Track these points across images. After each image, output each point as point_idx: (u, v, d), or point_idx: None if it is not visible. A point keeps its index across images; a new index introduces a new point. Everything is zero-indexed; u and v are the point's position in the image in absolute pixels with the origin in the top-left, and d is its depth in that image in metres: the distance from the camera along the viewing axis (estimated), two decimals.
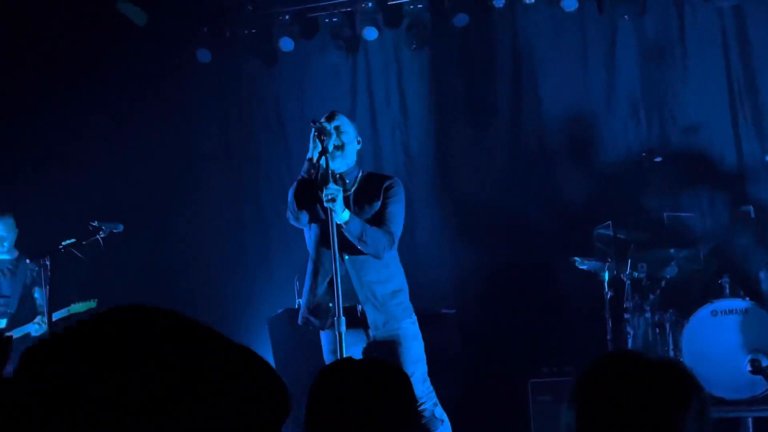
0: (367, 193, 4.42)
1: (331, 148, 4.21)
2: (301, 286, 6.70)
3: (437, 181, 7.89)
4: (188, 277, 7.89)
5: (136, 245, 7.48)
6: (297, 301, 6.84)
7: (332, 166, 4.28)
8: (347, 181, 4.42)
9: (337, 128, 4.34)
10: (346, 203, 4.30)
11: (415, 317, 4.46)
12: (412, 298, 4.56)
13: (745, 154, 7.15)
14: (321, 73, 8.04)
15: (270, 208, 8.07)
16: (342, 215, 4.16)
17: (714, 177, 7.15)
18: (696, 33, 7.29)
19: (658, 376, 1.65)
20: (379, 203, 4.40)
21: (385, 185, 4.45)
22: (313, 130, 4.30)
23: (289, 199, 4.33)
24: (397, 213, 4.41)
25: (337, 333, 4.01)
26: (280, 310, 6.91)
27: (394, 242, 4.39)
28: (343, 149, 4.34)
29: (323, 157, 4.07)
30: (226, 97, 8.26)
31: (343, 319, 4.03)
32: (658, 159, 6.75)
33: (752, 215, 6.63)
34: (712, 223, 7.09)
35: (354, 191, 4.42)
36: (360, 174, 4.50)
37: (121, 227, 6.31)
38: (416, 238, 7.71)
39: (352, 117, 8.11)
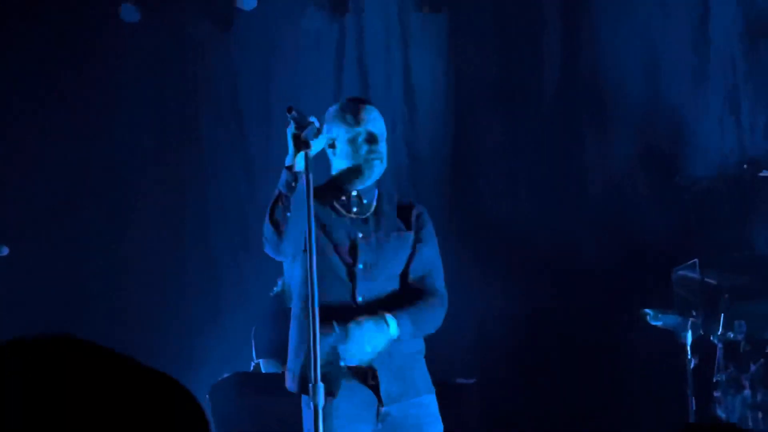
0: (393, 220, 4.42)
1: (319, 146, 4.15)
2: (269, 340, 6.71)
3: (453, 196, 7.87)
4: (99, 322, 7.79)
5: (26, 273, 7.39)
6: (253, 362, 6.87)
7: (361, 184, 4.30)
8: (364, 201, 4.42)
9: (371, 131, 4.33)
10: (363, 224, 4.34)
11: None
12: None
13: None
14: (295, 41, 8.02)
15: (219, 228, 8.02)
16: (391, 331, 4.15)
17: None
18: None
19: None
20: (411, 237, 4.42)
21: (415, 213, 4.45)
22: (291, 124, 4.22)
23: (265, 222, 4.29)
24: (438, 258, 4.47)
25: (313, 405, 3.92)
26: (226, 374, 6.84)
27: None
28: (382, 160, 4.34)
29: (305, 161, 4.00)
30: (160, 72, 8.20)
31: (321, 386, 3.94)
32: (765, 173, 6.70)
33: None
34: None
35: (374, 213, 4.44)
36: (378, 191, 4.50)
37: (5, 250, 6.29)
38: None
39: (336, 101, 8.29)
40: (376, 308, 4.19)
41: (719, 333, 6.17)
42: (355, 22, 8.05)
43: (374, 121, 4.35)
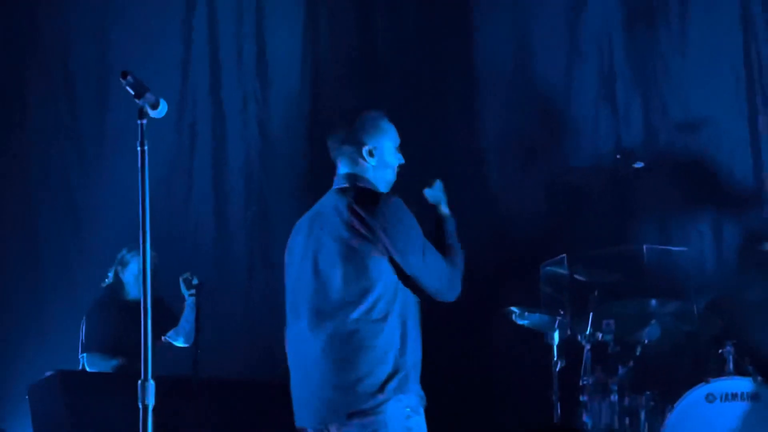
0: None
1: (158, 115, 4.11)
2: (99, 334, 6.61)
3: (309, 181, 7.83)
4: None
5: None
6: (82, 357, 6.76)
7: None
8: None
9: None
10: None
11: None
12: (263, 363, 4.54)
13: (765, 165, 7.34)
14: (136, 3, 7.88)
15: (44, 219, 7.84)
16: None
17: (719, 197, 7.31)
18: None
19: None
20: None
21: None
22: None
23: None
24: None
25: (141, 406, 3.85)
26: (48, 373, 6.71)
27: None
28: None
29: None
30: None
31: (151, 383, 3.88)
32: (639, 165, 6.85)
33: None
34: (713, 265, 7.23)
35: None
36: None
37: None
38: (274, 273, 7.67)
39: (184, 75, 8.19)
40: None
41: (587, 333, 6.27)
42: None
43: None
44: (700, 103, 7.46)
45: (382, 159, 4.44)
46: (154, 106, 3.93)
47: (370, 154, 4.42)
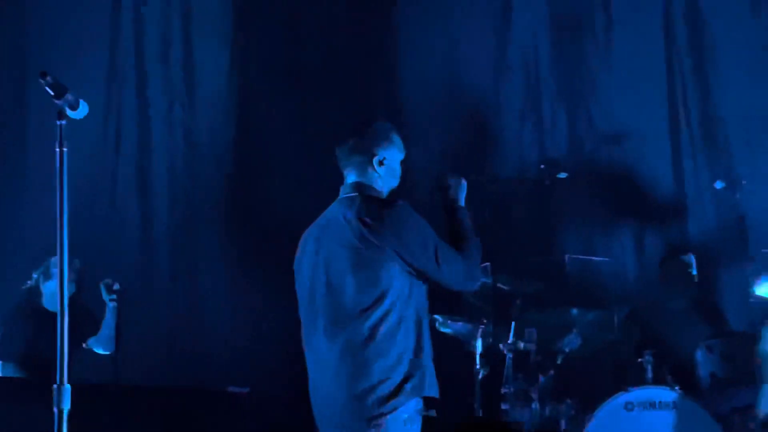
0: None
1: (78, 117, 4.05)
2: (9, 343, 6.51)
3: (236, 189, 7.80)
4: None
5: None
6: None
7: None
8: None
9: None
10: None
11: None
12: (186, 370, 4.50)
13: (687, 178, 7.44)
14: (60, 4, 7.81)
15: None
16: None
17: (641, 207, 7.39)
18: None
19: None
20: None
21: None
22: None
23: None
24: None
25: (57, 410, 3.82)
26: None
27: None
28: None
29: None
30: None
31: (67, 388, 3.84)
32: (563, 175, 6.90)
33: (693, 269, 6.87)
34: (634, 275, 7.31)
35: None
36: None
37: None
38: (198, 279, 7.63)
39: (110, 79, 8.08)
40: None
41: (509, 342, 6.31)
42: None
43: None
44: (625, 115, 7.54)
45: (390, 169, 4.53)
46: (74, 107, 3.88)
47: (380, 164, 4.50)
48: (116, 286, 6.67)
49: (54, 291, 6.60)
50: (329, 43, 7.92)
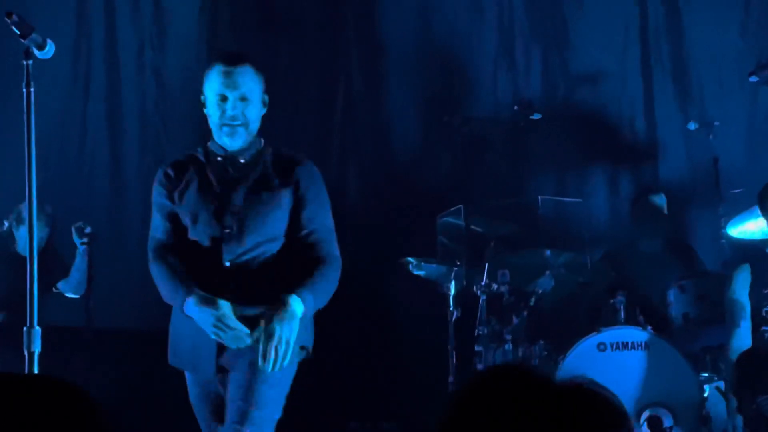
0: (267, 177, 4.41)
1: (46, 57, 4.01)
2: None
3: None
4: None
5: None
6: None
7: (229, 147, 4.37)
8: (241, 161, 4.39)
9: (239, 95, 4.33)
10: (233, 184, 4.38)
11: None
12: (158, 313, 4.51)
13: (659, 119, 7.47)
14: None
15: None
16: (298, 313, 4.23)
17: (614, 148, 7.42)
18: None
19: (567, 407, 1.76)
20: (288, 195, 4.33)
21: (298, 170, 4.43)
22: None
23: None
24: (328, 218, 4.52)
25: (27, 353, 3.87)
26: None
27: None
28: (247, 125, 4.37)
29: None
30: None
31: (37, 330, 3.88)
32: (536, 116, 6.91)
33: (664, 209, 6.91)
34: (607, 216, 7.34)
35: (257, 176, 4.40)
36: (260, 147, 4.47)
37: None
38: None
39: (79, 21, 7.98)
40: (247, 272, 4.26)
41: (483, 284, 6.34)
42: None
43: (237, 86, 4.33)
44: (598, 56, 7.55)
45: (208, 109, 4.39)
46: (41, 47, 3.85)
47: (203, 105, 4.41)
48: (88, 230, 6.63)
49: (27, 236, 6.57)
50: None
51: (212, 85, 4.31)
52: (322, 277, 4.39)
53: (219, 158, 4.36)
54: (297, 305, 4.20)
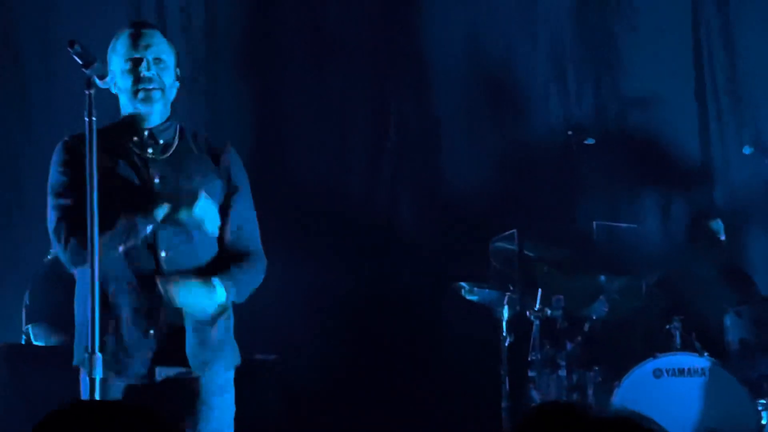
0: (199, 161, 4.25)
1: (104, 85, 3.97)
2: (42, 305, 6.53)
3: (256, 157, 7.75)
4: None
5: None
6: (26, 328, 6.68)
7: (145, 119, 4.10)
8: (161, 141, 4.23)
9: (152, 56, 4.11)
10: (163, 168, 4.13)
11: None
12: None
13: (713, 143, 7.43)
14: None
15: None
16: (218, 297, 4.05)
17: (668, 173, 7.38)
18: None
19: None
20: (219, 184, 4.24)
21: (227, 159, 4.27)
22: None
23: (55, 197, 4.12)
24: (252, 211, 4.37)
25: (89, 379, 3.83)
26: None
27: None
28: (164, 89, 4.13)
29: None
30: None
31: (99, 356, 3.85)
32: (590, 141, 6.89)
33: (720, 234, 6.86)
34: (661, 241, 7.29)
35: (174, 153, 4.23)
36: (176, 128, 4.30)
37: None
38: None
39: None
40: (182, 263, 4.07)
41: (536, 309, 6.31)
42: None
43: (149, 46, 4.11)
44: (650, 79, 7.53)
45: (119, 84, 4.10)
46: (102, 77, 3.87)
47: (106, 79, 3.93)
48: None
49: None
50: (350, 10, 7.89)
51: (121, 51, 4.04)
52: (245, 269, 4.23)
53: (135, 137, 4.04)
54: (218, 286, 4.05)
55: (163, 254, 4.05)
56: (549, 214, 7.09)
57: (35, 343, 6.73)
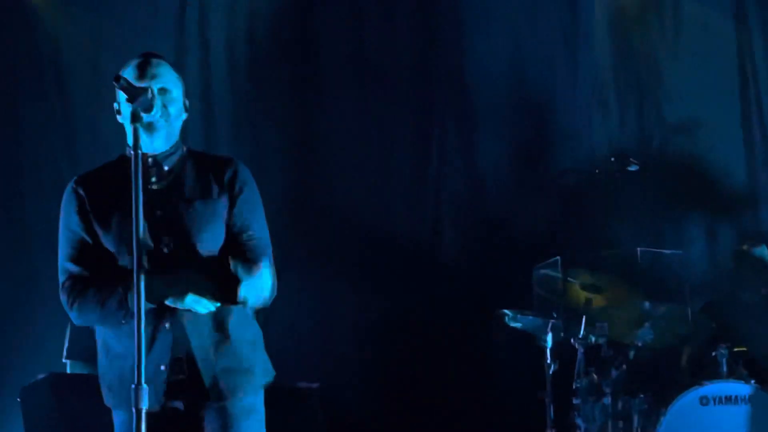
0: (199, 184, 4.21)
1: (149, 117, 4.01)
2: (82, 341, 6.58)
3: (299, 186, 7.83)
4: None
5: None
6: (65, 363, 6.81)
7: (148, 147, 4.11)
8: (165, 168, 4.24)
9: (158, 86, 4.14)
10: (165, 198, 4.13)
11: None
12: None
13: (758, 168, 7.37)
14: (129, 8, 7.87)
15: (36, 216, 7.82)
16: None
17: (712, 198, 7.34)
18: None
19: None
20: (222, 201, 4.21)
21: (230, 172, 4.28)
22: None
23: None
24: (261, 218, 4.24)
25: (134, 410, 3.83)
26: (40, 376, 6.72)
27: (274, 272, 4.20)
28: (168, 119, 4.14)
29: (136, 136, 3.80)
30: None
31: (145, 388, 3.84)
32: (634, 168, 6.86)
33: (766, 260, 6.81)
34: (706, 267, 7.25)
35: (177, 180, 4.23)
36: (183, 153, 4.30)
37: None
38: None
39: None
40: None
41: (580, 336, 6.29)
42: None
43: (155, 77, 4.09)
44: (694, 105, 7.51)
45: (123, 112, 4.07)
46: (148, 110, 3.90)
47: (118, 111, 4.08)
48: None
49: None
50: (392, 35, 7.93)
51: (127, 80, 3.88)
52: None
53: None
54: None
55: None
56: (593, 240, 7.06)
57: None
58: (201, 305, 3.95)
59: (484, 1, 7.79)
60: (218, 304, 3.98)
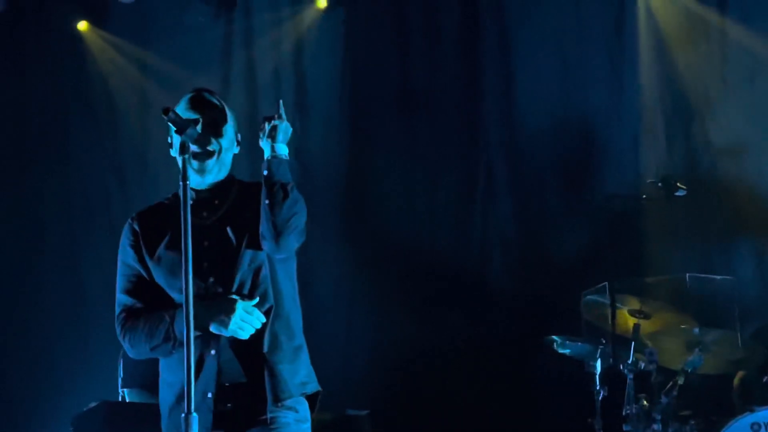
0: (248, 212, 4.25)
1: (198, 149, 4.06)
2: (136, 369, 6.65)
3: (348, 211, 7.86)
4: None
5: None
6: (121, 391, 6.85)
7: (196, 181, 4.14)
8: (216, 202, 4.28)
9: (208, 119, 4.20)
10: (213, 231, 4.16)
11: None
12: None
13: None
14: (176, 39, 7.99)
15: (86, 247, 7.90)
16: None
17: (762, 222, 7.28)
18: (745, 4, 7.49)
19: None
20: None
21: (259, 192, 4.20)
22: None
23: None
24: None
25: None
26: (93, 404, 6.78)
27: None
28: (220, 155, 4.22)
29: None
30: (23, 69, 8.09)
31: (194, 417, 3.86)
32: (681, 192, 6.83)
33: None
34: (757, 292, 7.19)
35: (227, 212, 4.27)
36: (234, 187, 4.34)
37: None
38: (310, 298, 7.62)
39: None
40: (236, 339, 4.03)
41: (630, 362, 6.25)
42: (243, 18, 8.03)
43: (210, 106, 4.19)
44: (741, 128, 7.45)
45: (174, 145, 4.14)
46: (197, 142, 3.95)
47: (170, 144, 4.17)
48: None
49: None
50: (439, 62, 7.96)
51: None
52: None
53: (191, 201, 3.73)
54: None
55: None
56: (641, 266, 7.04)
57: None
58: (244, 331, 4.00)
59: (530, 26, 7.80)
60: (259, 326, 4.03)
